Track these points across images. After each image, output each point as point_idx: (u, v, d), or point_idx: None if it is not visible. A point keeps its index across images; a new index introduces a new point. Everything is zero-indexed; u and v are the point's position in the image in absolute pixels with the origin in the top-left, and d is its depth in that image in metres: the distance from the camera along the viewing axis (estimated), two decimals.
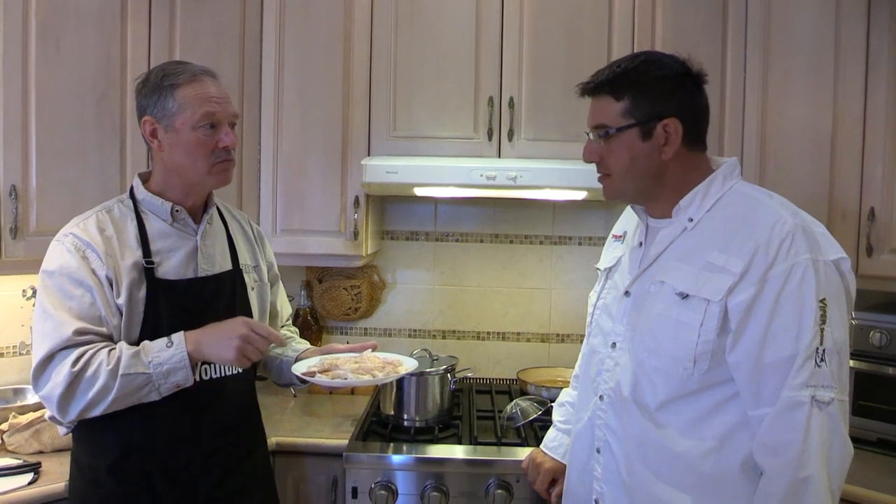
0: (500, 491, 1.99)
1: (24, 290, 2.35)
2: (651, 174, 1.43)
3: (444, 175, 2.26)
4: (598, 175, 1.50)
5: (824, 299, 1.26)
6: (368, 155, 2.41)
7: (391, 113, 2.42)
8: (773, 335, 1.27)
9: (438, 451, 2.08)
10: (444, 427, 2.23)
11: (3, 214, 1.99)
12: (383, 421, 2.26)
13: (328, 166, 2.44)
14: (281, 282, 2.03)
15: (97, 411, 1.50)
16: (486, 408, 2.44)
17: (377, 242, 2.73)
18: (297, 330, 2.12)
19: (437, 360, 2.32)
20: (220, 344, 1.52)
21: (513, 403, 2.29)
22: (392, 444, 2.11)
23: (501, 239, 2.85)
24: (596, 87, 1.44)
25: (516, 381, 2.66)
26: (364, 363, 1.80)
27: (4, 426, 2.01)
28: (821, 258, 1.29)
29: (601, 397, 1.51)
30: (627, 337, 1.46)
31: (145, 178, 1.70)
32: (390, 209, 2.85)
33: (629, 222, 1.63)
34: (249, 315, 1.77)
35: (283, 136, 2.44)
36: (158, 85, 1.59)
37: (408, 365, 1.85)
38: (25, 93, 2.01)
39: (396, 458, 2.04)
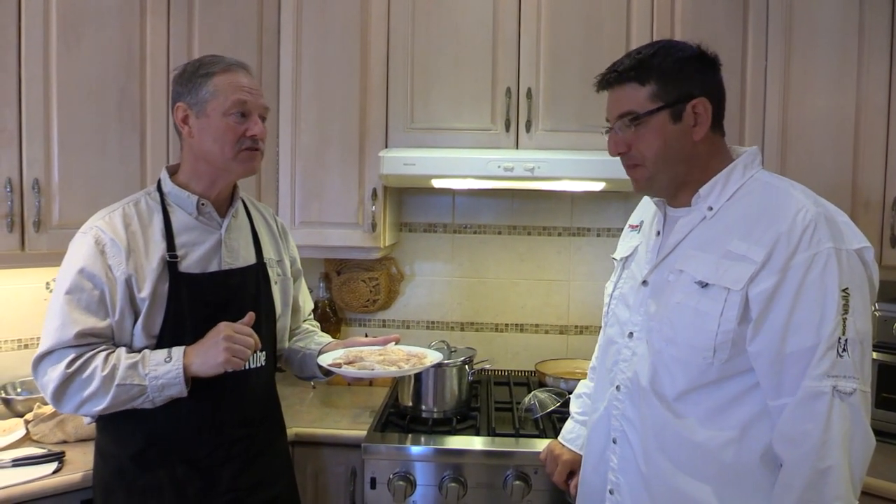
0: (517, 482, 1.99)
1: (47, 283, 2.38)
2: (683, 158, 1.40)
3: (461, 166, 2.26)
4: (627, 166, 1.46)
5: (847, 289, 1.25)
6: (386, 147, 2.41)
7: (408, 104, 2.42)
8: (795, 325, 1.25)
9: (456, 442, 2.08)
10: (463, 418, 2.23)
11: (26, 208, 2.02)
12: (401, 412, 2.27)
13: (346, 158, 2.44)
14: (303, 277, 2.04)
15: (92, 411, 1.54)
16: (504, 399, 2.44)
17: (395, 234, 2.74)
18: (318, 324, 2.12)
19: (455, 351, 2.32)
20: (208, 353, 1.53)
21: (531, 395, 2.29)
22: (410, 436, 2.11)
23: (519, 230, 2.84)
24: (620, 76, 1.42)
25: (534, 372, 2.66)
26: (388, 355, 1.81)
27: (29, 416, 2.04)
28: (844, 247, 1.27)
29: (618, 387, 1.50)
30: (645, 327, 1.45)
31: (173, 171, 1.72)
32: (408, 201, 2.85)
33: (646, 211, 1.61)
34: (272, 309, 1.79)
35: (301, 129, 2.45)
36: (194, 73, 1.63)
37: (433, 357, 1.85)
38: (47, 88, 2.04)
39: (415, 449, 2.05)
